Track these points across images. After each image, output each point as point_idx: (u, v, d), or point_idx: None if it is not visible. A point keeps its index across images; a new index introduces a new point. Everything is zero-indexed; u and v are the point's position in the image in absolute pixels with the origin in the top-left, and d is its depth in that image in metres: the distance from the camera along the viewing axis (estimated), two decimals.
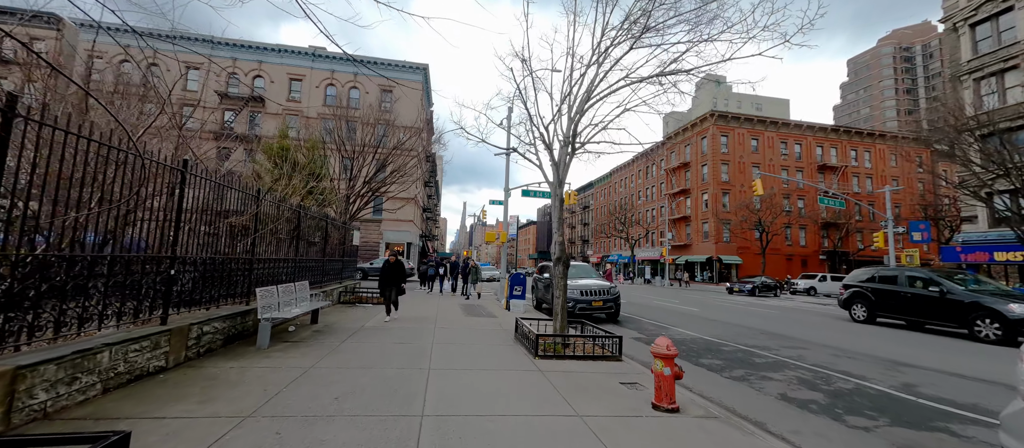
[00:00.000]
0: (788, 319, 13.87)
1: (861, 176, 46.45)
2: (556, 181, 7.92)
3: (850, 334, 10.60)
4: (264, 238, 7.90)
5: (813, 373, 6.36)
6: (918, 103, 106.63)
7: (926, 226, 22.25)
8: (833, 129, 46.93)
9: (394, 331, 8.08)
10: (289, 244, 9.20)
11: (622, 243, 58.20)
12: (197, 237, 5.80)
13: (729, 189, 42.98)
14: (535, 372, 5.57)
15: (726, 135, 43.70)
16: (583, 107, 7.35)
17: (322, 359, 5.65)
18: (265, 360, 5.45)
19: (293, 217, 9.32)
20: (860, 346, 8.80)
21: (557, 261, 7.60)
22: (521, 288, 12.80)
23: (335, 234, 13.12)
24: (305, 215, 9.95)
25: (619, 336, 6.76)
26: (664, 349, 4.47)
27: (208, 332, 5.65)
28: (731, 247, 41.87)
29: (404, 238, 36.66)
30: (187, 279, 5.60)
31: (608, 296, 11.56)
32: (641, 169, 57.86)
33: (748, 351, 7.90)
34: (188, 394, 4.06)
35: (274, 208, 8.18)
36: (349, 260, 14.78)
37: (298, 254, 9.48)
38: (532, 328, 7.41)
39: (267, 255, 8.02)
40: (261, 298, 6.26)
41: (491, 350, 6.85)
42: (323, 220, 11.37)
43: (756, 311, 16.35)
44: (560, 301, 7.41)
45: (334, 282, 12.75)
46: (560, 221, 7.79)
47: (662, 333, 9.92)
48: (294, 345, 6.40)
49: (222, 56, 34.87)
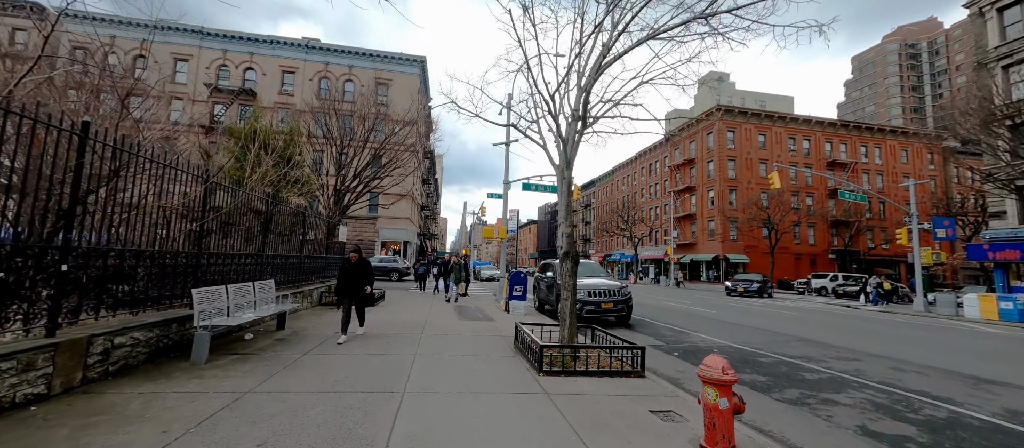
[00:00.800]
0: (816, 322, 12.65)
1: (871, 172, 45.17)
2: (563, 162, 6.70)
3: (902, 341, 9.38)
4: (218, 229, 6.69)
5: (886, 394, 5.13)
6: (924, 100, 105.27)
7: (950, 223, 20.99)
8: (842, 124, 45.64)
9: (373, 339, 6.86)
10: (256, 238, 7.99)
11: (624, 242, 56.95)
12: (113, 223, 4.59)
13: (736, 186, 41.72)
14: (540, 396, 4.35)
15: (733, 130, 42.43)
16: (597, 70, 6.12)
17: (269, 379, 4.43)
18: (192, 382, 4.23)
19: (261, 207, 8.11)
20: (922, 357, 7.57)
21: (565, 257, 6.38)
22: (521, 288, 11.59)
23: (318, 229, 11.92)
24: (276, 205, 8.73)
25: (641, 347, 5.55)
26: (718, 373, 3.25)
27: (124, 345, 4.43)
28: (738, 246, 40.61)
29: (401, 236, 35.48)
30: (98, 275, 4.39)
31: (619, 297, 10.34)
32: (644, 166, 56.61)
33: (793, 363, 6.68)
34: (43, 442, 2.85)
35: (232, 195, 6.96)
36: (335, 258, 13.57)
37: (266, 249, 8.27)
38: (535, 336, 6.19)
39: (222, 249, 6.80)
40: (199, 301, 5.05)
41: (486, 364, 5.63)
42: (301, 213, 10.16)
43: (776, 313, 15.12)
44: (568, 304, 6.19)
45: (316, 282, 11.55)
46: (568, 210, 6.57)
47: (683, 339, 8.71)
48: (242, 359, 5.19)
49: (212, 48, 33.69)
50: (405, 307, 11.44)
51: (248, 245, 7.88)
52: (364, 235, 34.59)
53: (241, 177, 9.19)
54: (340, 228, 13.36)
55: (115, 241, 4.68)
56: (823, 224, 42.33)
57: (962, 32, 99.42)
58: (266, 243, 8.26)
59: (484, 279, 33.69)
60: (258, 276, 7.70)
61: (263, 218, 8.16)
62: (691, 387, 5.27)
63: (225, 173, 8.44)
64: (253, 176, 9.00)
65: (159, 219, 5.27)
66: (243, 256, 7.34)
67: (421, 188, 48.48)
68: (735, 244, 40.67)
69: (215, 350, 5.47)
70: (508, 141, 15.81)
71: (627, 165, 62.16)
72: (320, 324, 8.01)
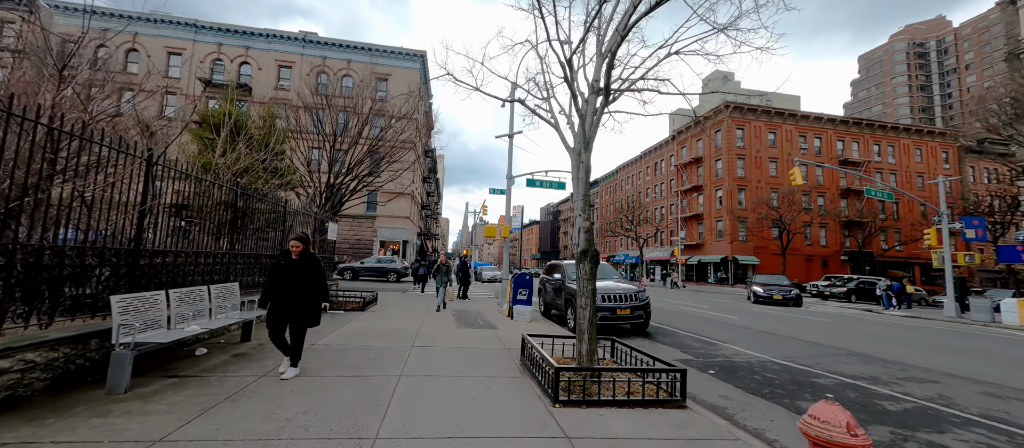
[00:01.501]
0: (852, 330, 11.49)
1: (884, 172, 43.86)
2: (579, 144, 5.61)
3: (963, 354, 8.23)
4: (169, 222, 5.62)
5: (1006, 435, 4.00)
6: (933, 100, 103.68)
7: (981, 222, 19.78)
8: (855, 122, 44.36)
9: (353, 353, 5.77)
10: (224, 234, 6.93)
11: (629, 243, 55.78)
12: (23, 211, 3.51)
13: (745, 185, 40.50)
14: (560, 443, 3.25)
15: (742, 128, 41.23)
16: (624, 29, 5.02)
17: (199, 417, 3.34)
18: (91, 421, 3.14)
19: (231, 198, 7.05)
20: (1004, 376, 6.44)
21: (582, 257, 5.28)
22: (527, 291, 10.49)
23: (305, 227, 10.85)
24: (247, 197, 7.66)
25: (681, 369, 4.44)
26: (843, 434, 2.13)
27: (8, 370, 3.35)
28: (747, 247, 39.39)
29: (400, 236, 34.42)
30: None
31: (636, 302, 9.21)
32: (649, 165, 55.43)
33: (860, 387, 5.54)
34: None
35: (190, 182, 5.89)
36: (324, 258, 12.49)
37: (234, 247, 7.20)
38: (546, 352, 5.10)
39: (175, 247, 5.73)
40: (122, 311, 3.97)
41: (487, 390, 4.53)
42: (281, 207, 9.09)
43: (803, 319, 13.96)
44: (587, 314, 5.09)
45: None
46: (585, 201, 5.47)
47: (713, 352, 7.59)
48: (179, 384, 4.10)
49: (206, 41, 32.74)
50: (398, 312, 10.35)
51: (217, 243, 6.82)
52: (362, 234, 33.56)
53: (209, 164, 8.12)
54: (330, 226, 12.28)
55: (16, 235, 3.61)
56: (835, 224, 41.07)
57: (972, 30, 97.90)
58: (235, 240, 7.19)
59: (485, 280, 32.60)
60: (223, 277, 6.63)
61: (233, 211, 7.10)
62: (748, 420, 4.16)
63: (189, 160, 7.39)
64: (223, 161, 7.94)
65: (85, 208, 4.20)
66: (202, 255, 6.26)
67: (421, 187, 47.46)
68: (744, 245, 39.45)
69: (150, 371, 4.39)
70: (512, 133, 14.73)
71: (631, 164, 61.00)
72: None
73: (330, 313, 9.62)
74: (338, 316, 9.18)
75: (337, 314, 9.49)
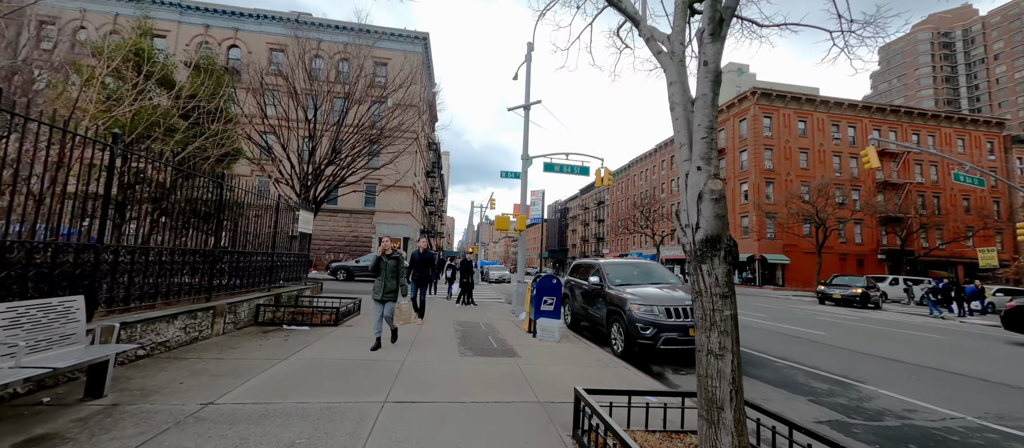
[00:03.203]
0: (974, 351, 8.72)
1: (924, 163, 40.55)
2: (709, 24, 2.95)
3: None
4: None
5: None
6: (959, 92, 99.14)
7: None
8: (892, 110, 41.08)
9: (266, 428, 3.17)
10: (95, 215, 4.37)
11: (643, 240, 52.89)
12: None
13: (773, 178, 37.45)
14: None
15: (769, 116, 38.16)
16: None
17: None
18: None
19: (105, 160, 4.49)
20: None
21: (706, 249, 2.62)
22: (553, 300, 7.86)
23: (259, 216, 8.29)
24: (143, 158, 5.08)
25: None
26: None
27: None
28: (776, 244, 36.38)
29: (401, 232, 31.92)
30: None
31: None
32: (665, 159, 52.42)
33: None
34: None
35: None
36: (288, 256, 9.96)
37: (119, 238, 4.63)
38: (630, 439, 2.46)
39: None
40: None
41: None
42: (217, 184, 6.51)
43: (899, 332, 11.17)
44: (726, 371, 2.43)
45: (256, 289, 7.94)
46: (711, 141, 2.79)
47: (856, 399, 4.89)
48: None
49: (192, 23, 30.47)
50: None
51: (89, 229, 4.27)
52: (359, 230, 31.14)
53: (116, 122, 5.58)
54: (301, 215, 9.74)
55: None
56: (871, 221, 37.86)
57: (1002, 18, 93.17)
58: (106, 225, 4.62)
59: (492, 281, 30.00)
60: (61, 286, 4.05)
61: (121, 183, 4.54)
62: None
63: (82, 114, 4.82)
64: (129, 113, 5.40)
65: None
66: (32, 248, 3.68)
67: (425, 181, 44.97)
68: (773, 242, 36.44)
69: None
70: (528, 103, 12.07)
71: (645, 159, 58.03)
72: (204, 372, 4.33)
73: (286, 330, 7.05)
74: (297, 334, 6.60)
75: (296, 331, 6.91)
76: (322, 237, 30.64)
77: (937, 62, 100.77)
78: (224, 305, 6.43)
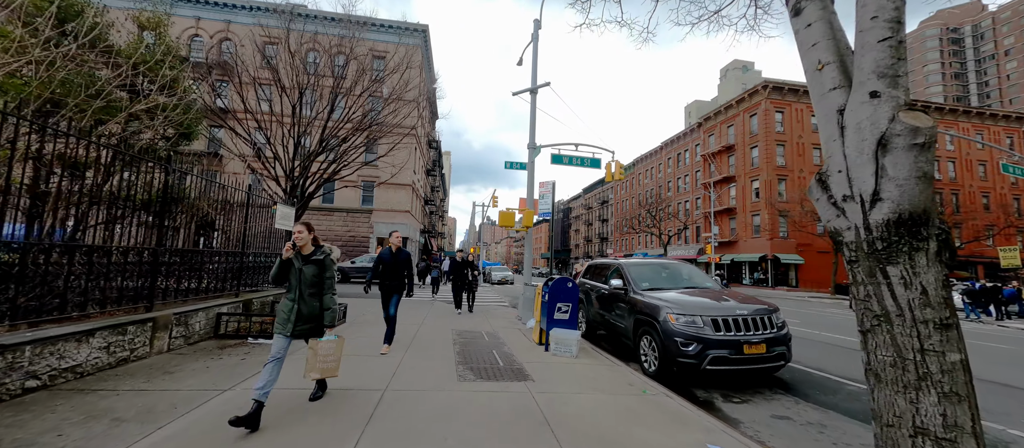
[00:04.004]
0: None
1: (942, 159, 39.14)
2: None
3: None
4: None
5: None
6: (969, 89, 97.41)
7: None
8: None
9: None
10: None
11: (649, 240, 51.60)
12: None
13: (786, 175, 36.13)
14: None
15: (781, 111, 36.84)
16: None
17: None
18: None
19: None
20: None
21: (894, 241, 1.37)
22: (569, 307, 6.65)
23: (227, 210, 7.13)
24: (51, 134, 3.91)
25: None
26: None
27: None
28: (789, 244, 35.04)
29: (400, 232, 30.72)
30: None
31: (774, 332, 5.29)
32: (672, 156, 51.13)
33: None
34: None
35: None
36: (263, 257, 8.81)
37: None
38: None
39: None
40: None
41: None
42: (163, 168, 5.34)
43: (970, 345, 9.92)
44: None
45: (220, 295, 6.77)
46: (894, 35, 1.56)
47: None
48: None
49: (183, 15, 29.39)
50: (370, 336, 6.54)
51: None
52: (356, 230, 30.00)
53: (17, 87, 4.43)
54: (279, 209, 8.58)
55: None
56: None
57: (1012, 14, 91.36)
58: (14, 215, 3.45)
59: (495, 282, 28.83)
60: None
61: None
62: None
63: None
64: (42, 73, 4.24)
65: None
66: None
67: (425, 180, 43.83)
68: (786, 242, 35.12)
69: None
70: (535, 86, 10.88)
71: (650, 157, 56.75)
72: (106, 414, 3.15)
73: (251, 343, 5.87)
74: (259, 351, 5.41)
75: (261, 345, 5.72)
76: (318, 236, 29.54)
77: (946, 58, 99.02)
78: (170, 316, 5.25)
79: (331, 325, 3.54)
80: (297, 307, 3.40)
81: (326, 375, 3.59)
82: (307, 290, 3.44)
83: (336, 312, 3.67)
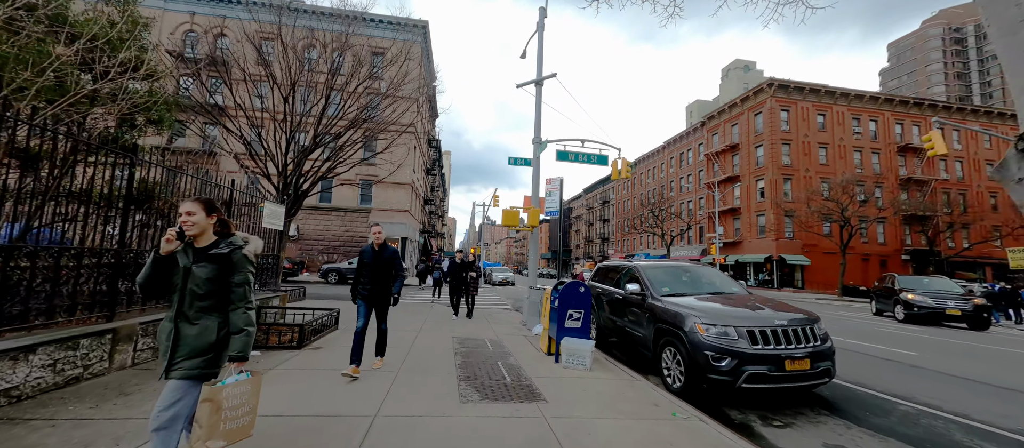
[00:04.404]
0: None
1: (950, 159, 38.60)
2: None
3: None
4: None
5: None
6: (972, 89, 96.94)
7: None
8: (916, 103, 39.14)
9: None
10: None
11: (650, 240, 51.04)
12: None
13: (792, 174, 35.55)
14: None
15: (787, 109, 36.28)
16: None
17: None
18: None
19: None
20: None
21: None
22: (581, 314, 6.04)
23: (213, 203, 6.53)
24: None
25: None
26: None
27: None
28: (795, 245, 34.47)
29: (399, 232, 30.17)
30: None
31: (819, 345, 4.70)
32: (674, 156, 50.57)
33: None
34: None
35: None
36: (260, 258, 8.20)
37: None
38: None
39: None
40: None
41: None
42: (126, 159, 4.73)
43: (1005, 353, 9.32)
44: None
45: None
46: None
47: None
48: None
49: (178, 10, 28.85)
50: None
51: None
52: (354, 230, 29.40)
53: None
54: (266, 207, 7.99)
55: None
56: (895, 220, 35.91)
57: None
58: None
59: (496, 283, 28.27)
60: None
61: None
62: None
63: None
64: None
65: None
66: None
67: (425, 179, 43.24)
68: (792, 242, 34.54)
69: None
70: (540, 77, 10.29)
71: (652, 156, 56.20)
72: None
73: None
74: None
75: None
76: (316, 237, 28.96)
77: (949, 58, 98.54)
78: (135, 325, 4.65)
79: (243, 357, 2.12)
80: (175, 329, 2.10)
81: (234, 440, 2.03)
82: (195, 303, 2.10)
83: (251, 337, 2.17)
